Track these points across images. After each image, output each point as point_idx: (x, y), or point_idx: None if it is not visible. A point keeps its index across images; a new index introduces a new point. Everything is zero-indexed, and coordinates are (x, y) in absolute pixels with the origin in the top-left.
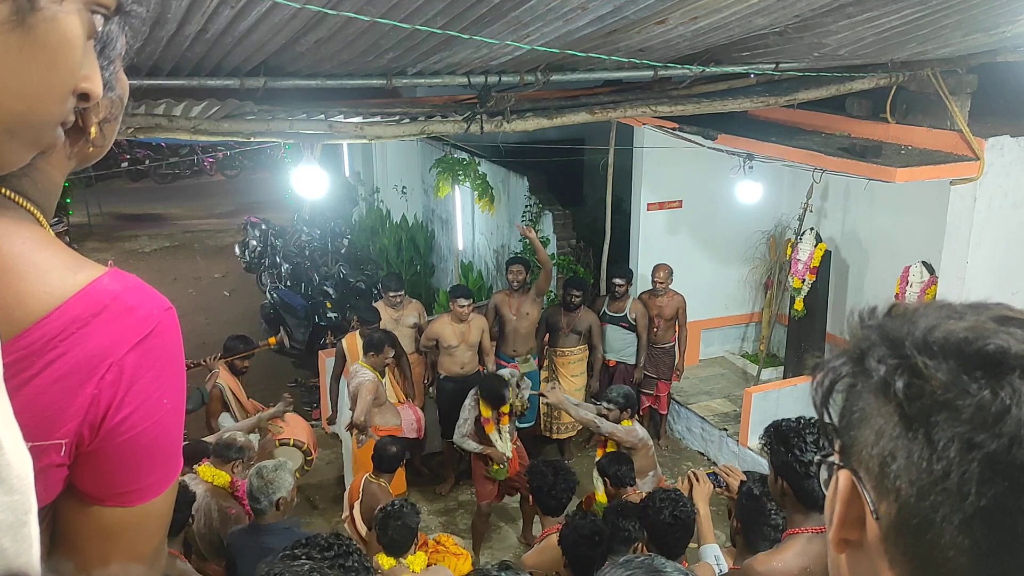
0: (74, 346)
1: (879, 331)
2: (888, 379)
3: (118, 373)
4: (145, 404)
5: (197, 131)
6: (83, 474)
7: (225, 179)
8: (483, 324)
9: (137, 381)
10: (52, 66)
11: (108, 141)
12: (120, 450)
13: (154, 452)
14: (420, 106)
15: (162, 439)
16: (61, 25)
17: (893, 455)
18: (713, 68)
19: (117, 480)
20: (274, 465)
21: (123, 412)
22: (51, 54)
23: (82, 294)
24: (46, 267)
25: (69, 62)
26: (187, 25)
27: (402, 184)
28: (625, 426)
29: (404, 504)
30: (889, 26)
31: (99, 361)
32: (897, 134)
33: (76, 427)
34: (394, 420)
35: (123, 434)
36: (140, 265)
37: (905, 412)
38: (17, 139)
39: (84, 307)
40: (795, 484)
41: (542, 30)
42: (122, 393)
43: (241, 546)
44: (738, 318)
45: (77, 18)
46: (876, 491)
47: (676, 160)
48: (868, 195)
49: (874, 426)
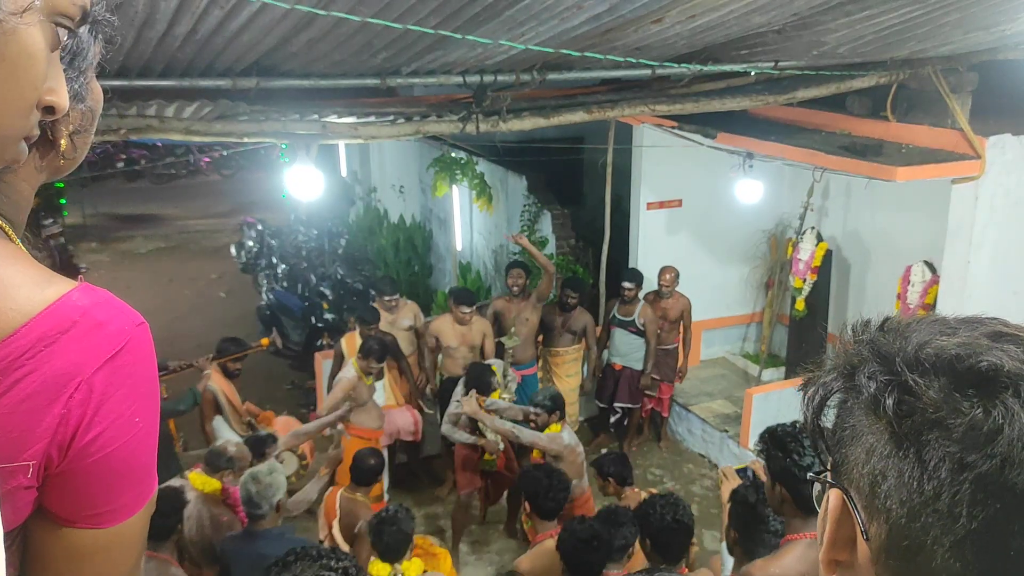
0: (41, 364)
1: (870, 346)
2: (879, 396)
3: (87, 392)
4: (116, 423)
5: (189, 132)
6: (53, 496)
7: (221, 179)
8: (485, 327)
9: (107, 400)
10: (12, 80)
11: (80, 153)
12: (90, 471)
13: (126, 473)
14: (416, 105)
15: (134, 459)
16: (21, 38)
17: (884, 474)
18: (711, 67)
19: (88, 502)
20: (268, 469)
21: (93, 432)
22: (10, 67)
23: (50, 310)
24: (13, 283)
25: (31, 75)
26: (177, 25)
27: (399, 184)
28: (551, 432)
29: (399, 509)
30: (889, 24)
31: (67, 380)
32: (898, 132)
33: (44, 448)
34: (372, 423)
35: (93, 455)
36: (136, 266)
37: (896, 430)
38: None
39: (52, 324)
40: (794, 490)
41: (537, 29)
42: (91, 412)
43: (235, 552)
44: (739, 318)
45: (38, 30)
46: (867, 511)
47: (675, 159)
48: (869, 194)
49: (865, 444)
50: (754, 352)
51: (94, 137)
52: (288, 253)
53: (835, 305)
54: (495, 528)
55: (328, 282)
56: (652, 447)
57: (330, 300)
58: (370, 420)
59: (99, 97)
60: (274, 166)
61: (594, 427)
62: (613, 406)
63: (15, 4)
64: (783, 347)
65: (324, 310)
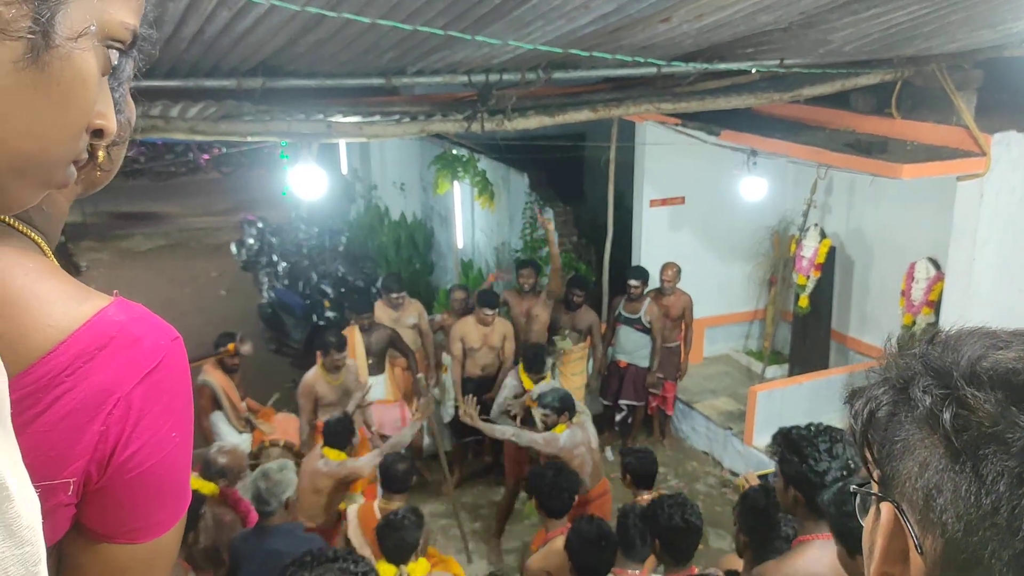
0: (80, 381)
1: (923, 360)
2: (934, 410)
3: (126, 408)
4: (153, 439)
5: (194, 132)
6: (91, 512)
7: (221, 176)
8: (507, 329)
9: (145, 416)
10: (66, 105)
11: (116, 165)
12: (128, 487)
13: (162, 488)
14: (420, 104)
15: (171, 474)
16: (76, 63)
17: (939, 488)
18: (717, 65)
19: (126, 517)
20: (278, 466)
21: (131, 448)
22: (65, 92)
23: (87, 326)
24: (50, 299)
25: (83, 100)
26: (184, 27)
27: (400, 181)
28: (553, 433)
29: (407, 512)
30: (895, 22)
31: (106, 396)
32: (903, 129)
33: (84, 465)
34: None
35: (131, 471)
36: (136, 264)
37: (952, 444)
38: (27, 179)
39: (90, 340)
40: (809, 495)
41: (544, 28)
42: (130, 428)
43: (246, 549)
44: (742, 315)
45: (92, 55)
46: (920, 525)
47: (678, 156)
48: (873, 191)
49: (918, 458)
50: (757, 349)
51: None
52: (289, 251)
53: (839, 302)
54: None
55: (329, 280)
56: (656, 445)
57: (331, 298)
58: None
59: (133, 109)
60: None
61: (599, 425)
62: (618, 403)
63: (70, 30)
64: (786, 344)
65: (325, 308)
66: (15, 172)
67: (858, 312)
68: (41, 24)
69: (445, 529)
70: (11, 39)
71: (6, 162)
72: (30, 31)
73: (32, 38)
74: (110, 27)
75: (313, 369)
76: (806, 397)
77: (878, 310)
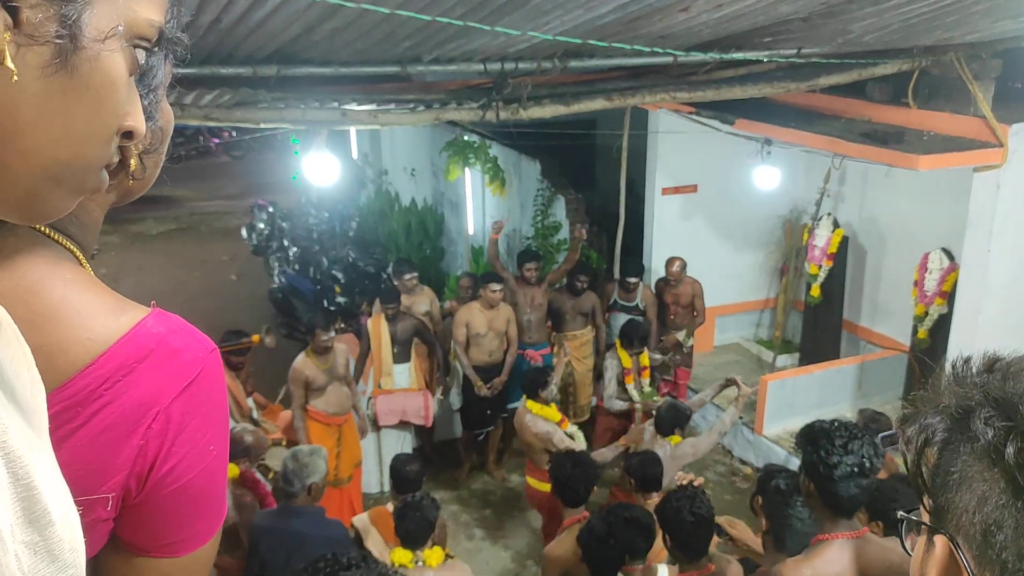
0: (120, 394)
1: (983, 389)
2: (997, 443)
3: (165, 422)
4: (192, 453)
5: (208, 118)
6: (129, 526)
7: (231, 161)
8: (509, 313)
9: (184, 429)
10: (97, 108)
11: (150, 174)
12: (166, 501)
13: (200, 501)
14: (434, 92)
15: (209, 488)
16: (105, 65)
17: (999, 525)
18: (734, 55)
19: (164, 531)
20: (310, 450)
21: (170, 462)
22: (95, 96)
23: (126, 339)
24: (89, 311)
25: (114, 103)
26: (201, 15)
27: (411, 167)
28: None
29: (424, 496)
30: (916, 13)
31: (145, 410)
32: (919, 119)
33: (123, 480)
34: (329, 408)
35: (170, 485)
36: (146, 248)
37: (1016, 480)
38: (62, 187)
39: (129, 353)
40: (820, 486)
41: (562, 18)
42: (169, 442)
43: (267, 527)
44: (753, 304)
45: (121, 56)
46: (977, 561)
47: (691, 144)
48: (887, 180)
49: (976, 491)
50: (768, 338)
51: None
52: (299, 236)
53: (851, 292)
54: (509, 515)
55: (340, 265)
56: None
57: (342, 283)
58: (327, 405)
59: (169, 117)
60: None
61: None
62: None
63: (98, 31)
64: (797, 333)
65: (336, 294)
66: (50, 180)
67: (870, 302)
68: (68, 27)
69: (455, 515)
70: (38, 44)
71: (40, 170)
72: (57, 35)
73: (60, 42)
74: (137, 25)
75: (301, 355)
76: (817, 387)
77: (890, 300)
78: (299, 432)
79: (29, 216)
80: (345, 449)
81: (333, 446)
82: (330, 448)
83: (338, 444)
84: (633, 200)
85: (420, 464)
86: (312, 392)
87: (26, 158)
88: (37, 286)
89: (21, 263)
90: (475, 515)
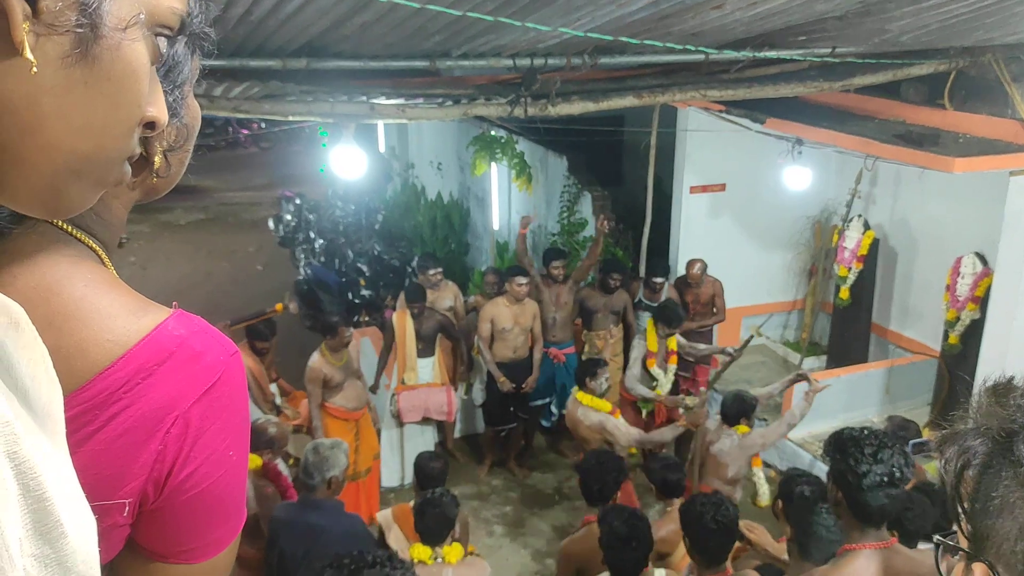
0: (139, 398)
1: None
2: None
3: (184, 426)
4: (211, 458)
5: (237, 110)
6: (146, 532)
7: (259, 152)
8: (536, 309)
9: (203, 434)
10: (118, 99)
11: (175, 172)
12: (185, 507)
13: (219, 507)
14: (462, 87)
15: (228, 494)
16: (126, 54)
17: None
18: (767, 53)
19: (182, 537)
20: (331, 443)
21: (189, 468)
22: (116, 86)
23: (147, 340)
24: (110, 312)
25: (136, 93)
26: (232, 8)
27: (438, 161)
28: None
29: (444, 493)
30: (956, 13)
31: (164, 414)
32: (955, 121)
33: (140, 485)
34: (347, 404)
35: (189, 491)
36: (175, 237)
37: None
38: (84, 180)
39: (149, 355)
40: (848, 495)
41: (593, 14)
42: (188, 448)
43: (286, 520)
44: (780, 305)
45: (142, 44)
46: None
47: (720, 142)
48: (920, 182)
49: (1019, 519)
50: (794, 340)
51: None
52: (326, 228)
53: (880, 295)
54: (530, 512)
55: (365, 258)
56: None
57: (367, 276)
58: (345, 401)
59: (196, 114)
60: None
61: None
62: None
63: (119, 19)
64: (824, 335)
65: (361, 287)
66: (71, 173)
67: (900, 306)
68: (88, 15)
69: (476, 511)
70: (57, 34)
71: (62, 164)
72: (77, 24)
73: (80, 32)
74: (159, 13)
75: (316, 354)
76: (844, 390)
77: (921, 304)
78: (316, 432)
79: (52, 210)
80: (363, 442)
81: (351, 441)
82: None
83: (356, 438)
84: (660, 198)
85: (444, 462)
86: (330, 389)
87: (47, 151)
88: (58, 285)
89: (42, 261)
90: (495, 512)
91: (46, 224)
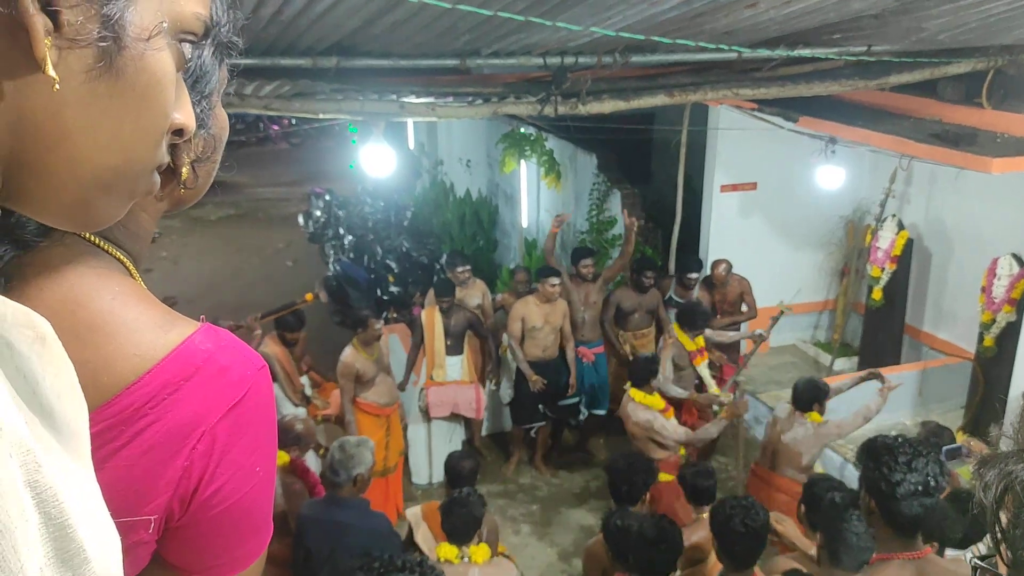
0: (165, 413)
1: None
2: None
3: (210, 442)
4: (238, 474)
5: (268, 108)
6: (171, 548)
7: (289, 147)
8: (566, 308)
9: (230, 450)
10: (144, 109)
11: (203, 183)
12: (211, 523)
13: (246, 523)
14: (491, 85)
15: (255, 509)
16: (151, 64)
17: None
18: (802, 51)
19: (208, 553)
20: (357, 441)
21: (215, 484)
22: (142, 97)
23: (174, 355)
24: (137, 326)
25: (162, 103)
26: (263, 8)
27: (467, 158)
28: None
29: (471, 492)
30: (996, 11)
31: (191, 429)
32: (992, 120)
33: (166, 502)
34: (380, 399)
35: (215, 507)
36: (206, 233)
37: None
38: (113, 192)
39: (176, 370)
40: (881, 503)
41: (625, 13)
42: (214, 464)
43: (314, 517)
44: (811, 305)
45: (167, 53)
46: None
47: (751, 141)
48: (956, 182)
49: None
50: (826, 340)
51: None
52: (355, 224)
53: (914, 296)
54: (556, 511)
55: (394, 255)
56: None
57: (396, 273)
58: (377, 396)
59: (224, 124)
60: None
61: None
62: None
63: (142, 29)
64: (856, 336)
65: (390, 283)
66: (100, 186)
67: (934, 307)
68: (111, 27)
69: (502, 509)
70: (80, 47)
71: (90, 178)
72: (100, 36)
73: (103, 44)
74: (182, 20)
75: (348, 349)
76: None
77: (956, 306)
78: (349, 426)
79: (81, 224)
80: (393, 438)
81: (382, 437)
82: (380, 439)
83: (387, 434)
84: (690, 196)
85: (475, 461)
86: (362, 384)
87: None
88: (85, 298)
89: (69, 274)
90: (522, 510)
91: (73, 236)
